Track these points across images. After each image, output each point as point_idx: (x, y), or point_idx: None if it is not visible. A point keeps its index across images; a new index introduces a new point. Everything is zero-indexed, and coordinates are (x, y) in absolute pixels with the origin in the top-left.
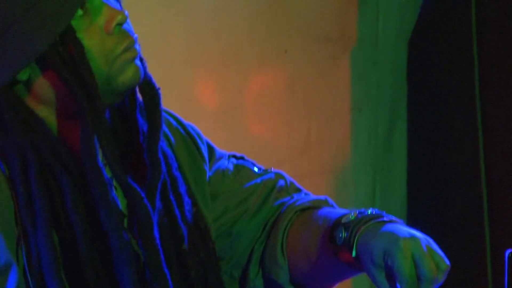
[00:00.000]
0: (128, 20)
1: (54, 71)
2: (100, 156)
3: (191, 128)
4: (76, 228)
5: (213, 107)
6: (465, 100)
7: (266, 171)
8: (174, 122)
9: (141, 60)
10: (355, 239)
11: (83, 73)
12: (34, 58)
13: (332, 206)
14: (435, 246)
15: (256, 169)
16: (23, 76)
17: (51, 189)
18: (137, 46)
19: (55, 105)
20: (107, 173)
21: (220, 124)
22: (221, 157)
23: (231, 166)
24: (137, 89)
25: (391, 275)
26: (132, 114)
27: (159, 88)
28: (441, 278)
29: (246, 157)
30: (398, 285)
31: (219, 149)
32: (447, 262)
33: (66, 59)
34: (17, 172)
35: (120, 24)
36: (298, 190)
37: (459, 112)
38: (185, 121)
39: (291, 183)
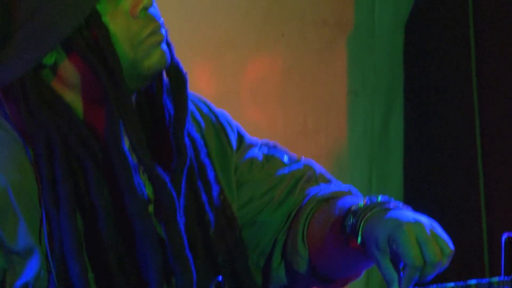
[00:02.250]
0: (154, 4)
1: (79, 55)
2: (125, 141)
3: (222, 116)
4: (99, 212)
5: (209, 93)
6: (462, 85)
7: (296, 161)
8: (205, 109)
9: (168, 45)
10: (361, 226)
11: (108, 57)
12: (59, 42)
13: (354, 195)
14: (439, 230)
15: (286, 158)
16: (49, 60)
17: (75, 173)
18: (163, 31)
19: (81, 90)
20: (132, 158)
21: None
22: (251, 145)
23: (260, 155)
24: (164, 73)
25: (394, 260)
26: (159, 98)
27: (186, 73)
28: (445, 262)
29: (278, 146)
30: (401, 273)
31: (250, 136)
32: (451, 247)
33: (91, 43)
34: (42, 155)
35: (146, 8)
36: (328, 181)
37: (456, 97)
38: (216, 108)
39: (320, 174)
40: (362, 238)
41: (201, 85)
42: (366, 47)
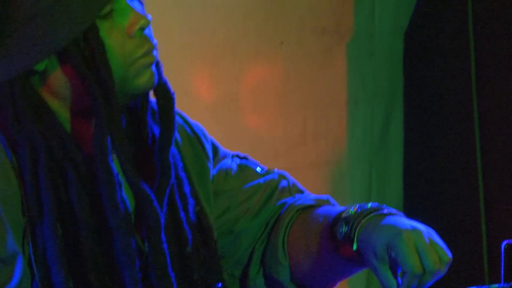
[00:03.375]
0: (150, 25)
1: (73, 67)
2: (112, 156)
3: (197, 127)
4: (80, 222)
5: (209, 99)
6: (461, 92)
7: (269, 172)
8: (180, 120)
9: (157, 64)
10: (356, 233)
11: (102, 72)
12: (55, 51)
13: (333, 205)
14: (437, 238)
15: (259, 169)
16: (39, 66)
17: (58, 182)
18: (155, 52)
19: (69, 100)
20: (117, 172)
21: (216, 116)
22: (224, 156)
23: (234, 166)
24: (151, 92)
25: (392, 268)
26: (143, 116)
27: (174, 93)
28: (443, 270)
29: (249, 157)
30: (399, 278)
31: (223, 148)
32: (449, 255)
33: (86, 56)
34: (26, 161)
35: (142, 29)
36: (301, 192)
37: (456, 103)
38: (191, 119)
39: (294, 184)
40: (357, 246)
41: (200, 91)
42: (365, 53)
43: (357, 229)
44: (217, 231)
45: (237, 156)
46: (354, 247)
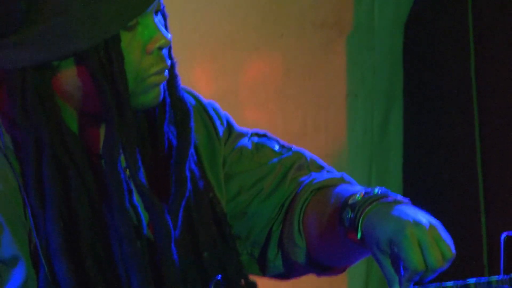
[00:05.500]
0: (170, 45)
1: (89, 72)
2: (121, 162)
3: (211, 107)
4: (79, 219)
5: (209, 93)
6: (461, 86)
7: (287, 149)
8: (194, 102)
9: (175, 76)
10: (360, 221)
11: (119, 83)
12: (74, 53)
13: (348, 183)
14: (441, 231)
15: (277, 147)
16: (55, 63)
17: (61, 175)
18: (167, 73)
19: (77, 102)
20: (128, 180)
21: None
22: (241, 134)
23: (250, 145)
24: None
25: (395, 261)
26: (161, 125)
27: (191, 107)
28: (445, 266)
29: (269, 134)
30: (402, 270)
31: (239, 127)
32: (453, 250)
33: (104, 64)
34: (30, 152)
35: (160, 48)
36: (320, 168)
37: (455, 97)
38: (204, 99)
39: (312, 160)
40: (362, 234)
41: (200, 85)
42: (365, 47)
43: (361, 217)
44: (230, 214)
45: (256, 134)
46: (359, 235)
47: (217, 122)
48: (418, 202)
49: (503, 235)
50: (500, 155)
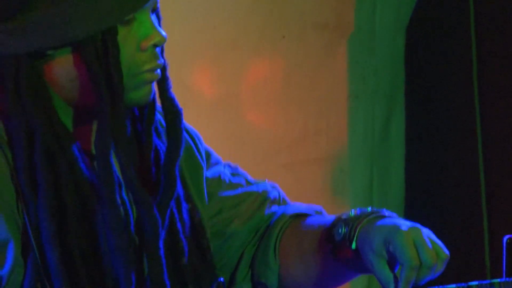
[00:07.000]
0: (163, 44)
1: (84, 62)
2: (113, 157)
3: (192, 130)
4: (68, 208)
5: (210, 95)
6: (463, 87)
7: (260, 182)
8: None
9: (166, 79)
10: (356, 233)
11: (113, 75)
12: (71, 41)
13: (325, 215)
14: (434, 237)
15: (250, 178)
16: (50, 51)
17: (52, 163)
18: (159, 71)
19: (69, 93)
20: (118, 175)
21: (217, 112)
22: (217, 162)
23: (227, 173)
24: (160, 107)
25: (390, 264)
26: (148, 128)
27: (181, 109)
28: (440, 267)
29: (239, 168)
30: (396, 270)
31: (216, 154)
32: (447, 252)
33: (99, 55)
34: (22, 139)
35: (155, 46)
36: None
37: (457, 99)
38: (187, 124)
39: (283, 198)
40: (356, 244)
41: (201, 88)
42: (366, 49)
43: (358, 229)
44: (211, 231)
45: (229, 165)
46: (353, 245)
47: (198, 143)
48: (420, 205)
49: (505, 238)
50: (502, 157)
